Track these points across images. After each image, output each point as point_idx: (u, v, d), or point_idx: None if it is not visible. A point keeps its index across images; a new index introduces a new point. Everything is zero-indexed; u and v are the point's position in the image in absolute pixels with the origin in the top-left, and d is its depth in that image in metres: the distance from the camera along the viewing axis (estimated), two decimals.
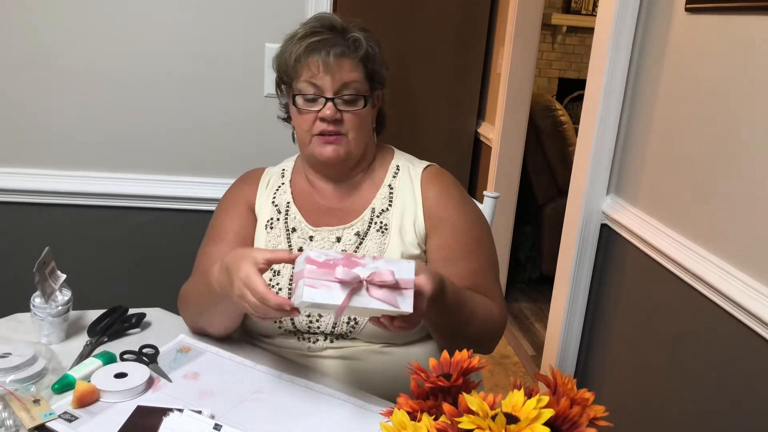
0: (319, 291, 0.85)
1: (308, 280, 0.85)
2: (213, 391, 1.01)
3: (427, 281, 0.93)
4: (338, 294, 0.85)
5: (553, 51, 5.43)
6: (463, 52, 3.25)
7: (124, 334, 1.19)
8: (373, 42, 1.17)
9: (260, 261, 0.93)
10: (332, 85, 1.12)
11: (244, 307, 0.94)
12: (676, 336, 1.58)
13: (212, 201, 1.64)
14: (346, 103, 1.13)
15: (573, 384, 0.74)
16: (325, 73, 1.11)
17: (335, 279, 0.85)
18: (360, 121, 1.15)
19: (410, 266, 0.88)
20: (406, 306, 0.87)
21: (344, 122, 1.14)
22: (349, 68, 1.13)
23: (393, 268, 0.87)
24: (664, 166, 1.65)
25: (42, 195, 1.64)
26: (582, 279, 1.98)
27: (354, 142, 1.16)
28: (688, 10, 1.56)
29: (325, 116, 1.12)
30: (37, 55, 1.57)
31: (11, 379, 0.97)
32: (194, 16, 1.60)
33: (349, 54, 1.13)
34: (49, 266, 1.15)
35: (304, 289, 0.85)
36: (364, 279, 0.86)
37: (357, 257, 0.88)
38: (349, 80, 1.12)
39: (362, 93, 1.14)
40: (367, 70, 1.15)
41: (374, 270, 0.86)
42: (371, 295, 0.86)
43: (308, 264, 0.85)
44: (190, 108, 1.66)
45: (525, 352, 2.85)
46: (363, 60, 1.14)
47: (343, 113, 1.13)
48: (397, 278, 0.87)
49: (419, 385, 0.78)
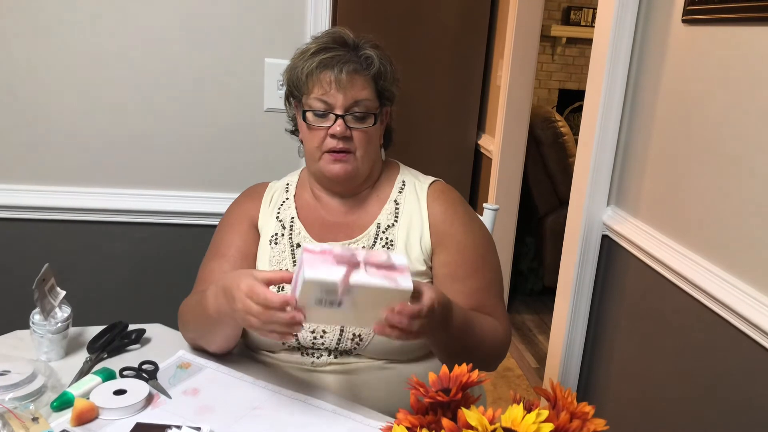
0: (319, 269, 0.86)
1: (307, 264, 0.86)
2: (212, 407, 1.01)
3: (430, 293, 0.92)
4: (338, 270, 0.86)
5: (553, 62, 5.46)
6: (462, 65, 3.27)
7: (124, 351, 1.18)
8: (386, 59, 1.17)
9: (259, 279, 0.92)
10: (343, 102, 1.12)
11: (249, 321, 0.91)
12: (678, 347, 1.57)
13: (212, 216, 1.65)
14: (357, 120, 1.13)
15: (573, 397, 0.74)
16: (336, 89, 1.11)
17: (333, 258, 0.87)
18: (369, 138, 1.15)
19: (402, 257, 0.91)
20: (405, 283, 0.88)
21: (353, 139, 1.14)
22: (361, 86, 1.12)
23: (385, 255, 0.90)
24: (664, 176, 1.65)
25: (41, 211, 1.64)
26: (584, 290, 1.97)
27: (362, 159, 1.16)
28: (684, 21, 1.56)
29: (335, 133, 1.12)
30: (35, 70, 1.58)
31: (10, 396, 0.97)
32: (194, 31, 1.61)
33: (361, 71, 1.13)
34: (49, 283, 1.15)
35: (305, 269, 0.85)
36: (361, 259, 0.88)
37: (351, 248, 0.90)
38: (360, 98, 1.12)
39: (372, 110, 1.14)
40: (378, 88, 1.15)
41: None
42: (368, 273, 0.87)
43: (306, 254, 0.87)
44: (190, 123, 1.66)
45: (528, 365, 2.84)
46: (375, 77, 1.14)
47: (353, 130, 1.13)
48: (393, 261, 0.89)
49: (419, 400, 0.77)
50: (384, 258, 0.88)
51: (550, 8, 5.18)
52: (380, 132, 1.21)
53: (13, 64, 1.57)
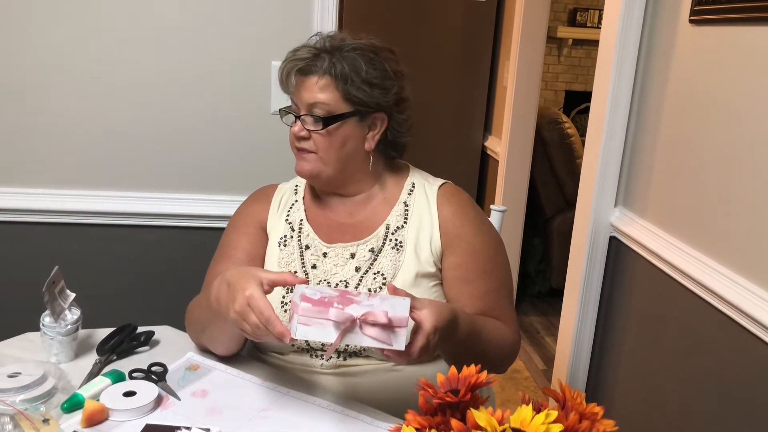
0: (312, 329, 0.86)
1: (302, 318, 0.85)
2: (221, 409, 1.01)
3: (429, 317, 0.91)
4: (331, 332, 0.86)
5: (559, 64, 5.45)
6: (468, 66, 3.27)
7: (133, 353, 1.19)
8: (364, 63, 1.12)
9: (265, 282, 0.92)
10: (303, 104, 1.14)
11: (242, 325, 0.91)
12: (687, 349, 1.56)
13: (220, 218, 1.65)
14: (314, 122, 1.13)
15: (582, 398, 0.74)
16: (299, 91, 1.14)
17: (330, 312, 0.85)
18: (329, 141, 1.14)
19: (405, 304, 0.88)
20: (398, 344, 0.88)
21: (312, 141, 1.15)
22: (320, 89, 1.12)
23: (388, 306, 0.87)
24: (672, 177, 1.64)
25: (51, 214, 1.65)
26: (591, 292, 1.97)
27: (324, 161, 1.15)
28: (692, 21, 1.56)
29: (293, 132, 1.15)
30: (43, 75, 1.59)
31: (21, 398, 0.97)
32: (201, 34, 1.62)
33: (321, 73, 1.12)
34: (59, 285, 1.15)
35: (297, 327, 0.85)
36: (358, 318, 0.86)
37: (352, 294, 0.87)
38: (317, 101, 1.12)
39: (333, 113, 1.12)
40: (344, 93, 1.12)
41: (369, 308, 0.87)
42: (364, 333, 0.86)
43: (303, 302, 0.85)
44: (197, 126, 1.67)
45: (536, 367, 2.83)
46: (337, 81, 1.11)
47: (312, 132, 1.14)
48: (390, 316, 0.87)
49: (427, 401, 0.77)
50: (382, 319, 0.86)
51: (556, 10, 5.18)
52: (364, 138, 1.17)
53: (22, 68, 1.58)
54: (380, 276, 1.15)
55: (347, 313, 0.86)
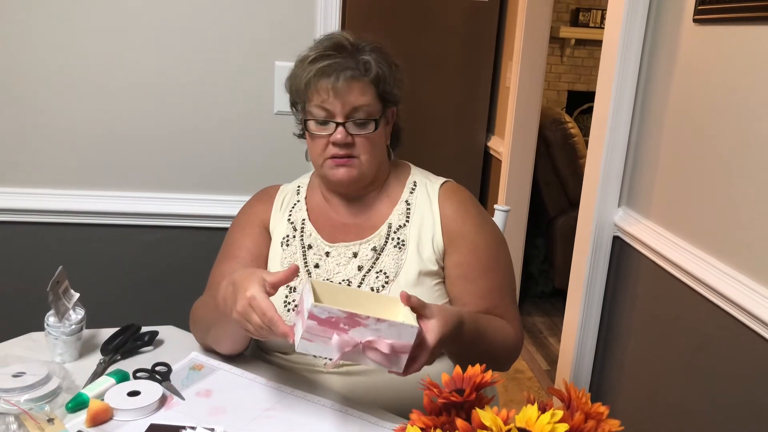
0: (314, 345, 0.86)
1: (306, 334, 0.85)
2: (225, 409, 1.01)
3: (435, 329, 0.90)
4: (333, 349, 0.85)
5: (562, 64, 5.44)
6: (471, 67, 3.27)
7: (137, 353, 1.19)
8: (385, 62, 1.15)
9: (268, 284, 0.92)
10: (342, 110, 1.11)
11: (245, 325, 0.92)
12: (692, 349, 1.56)
13: (223, 218, 1.66)
14: (357, 126, 1.12)
15: (587, 398, 0.73)
16: (335, 97, 1.10)
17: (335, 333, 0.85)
18: (372, 143, 1.15)
19: (413, 332, 0.86)
20: (397, 367, 0.88)
21: (356, 145, 1.13)
22: (359, 92, 1.11)
23: (395, 332, 0.85)
24: (676, 177, 1.64)
25: (55, 214, 1.65)
26: (595, 292, 1.97)
27: (366, 163, 1.15)
28: (696, 21, 1.56)
29: (336, 141, 1.12)
30: (48, 76, 1.59)
31: (26, 398, 0.98)
32: (204, 34, 1.62)
33: (359, 77, 1.11)
34: (63, 285, 1.15)
35: (300, 341, 0.85)
36: (361, 343, 0.85)
37: (360, 317, 0.85)
38: (360, 104, 1.11)
39: (373, 115, 1.14)
40: (378, 92, 1.14)
41: (375, 333, 0.85)
42: (365, 354, 0.86)
43: (309, 320, 0.84)
44: (200, 126, 1.67)
45: (539, 367, 2.83)
46: (374, 82, 1.13)
47: (355, 137, 1.13)
48: (395, 344, 0.85)
49: (432, 400, 0.77)
50: (385, 350, 0.85)
51: (559, 10, 5.17)
52: (386, 133, 1.20)
53: (28, 69, 1.58)
54: (383, 275, 1.15)
55: (350, 339, 0.85)
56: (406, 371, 0.89)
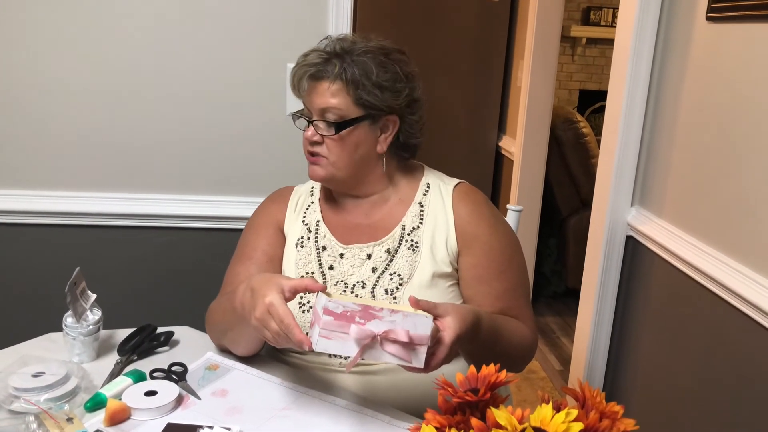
0: (332, 342, 0.86)
1: (323, 331, 0.86)
2: (241, 408, 1.02)
3: (452, 325, 0.90)
4: (351, 346, 0.86)
5: (573, 63, 5.43)
6: (482, 67, 3.26)
7: (153, 353, 1.20)
8: (375, 68, 1.12)
9: (286, 289, 0.92)
10: (314, 108, 1.14)
11: (262, 332, 0.92)
12: (706, 349, 1.55)
13: (237, 219, 1.67)
14: (327, 126, 1.14)
15: (602, 397, 0.73)
16: (309, 95, 1.15)
17: (352, 327, 0.85)
18: (341, 146, 1.14)
19: (428, 322, 0.87)
20: (418, 362, 0.88)
21: (325, 145, 1.15)
22: (332, 94, 1.12)
23: (410, 323, 0.86)
24: (689, 176, 1.63)
25: (72, 216, 1.67)
26: (608, 292, 1.96)
27: (336, 165, 1.16)
28: (709, 19, 1.55)
29: (306, 137, 1.16)
30: (59, 78, 1.61)
31: (45, 397, 0.99)
32: (216, 37, 1.63)
33: (332, 78, 1.12)
34: (80, 286, 1.17)
35: (318, 339, 0.86)
36: (379, 335, 0.86)
37: (374, 309, 0.86)
38: (329, 105, 1.12)
39: (345, 118, 1.13)
40: (356, 97, 1.12)
41: (390, 324, 0.86)
42: (384, 349, 0.86)
43: (325, 315, 0.85)
44: (212, 128, 1.69)
45: (552, 367, 2.82)
46: (351, 85, 1.12)
47: (325, 137, 1.14)
48: (412, 335, 0.86)
49: (447, 400, 0.78)
50: (403, 338, 0.86)
51: (570, 9, 5.16)
52: (376, 141, 1.17)
53: (47, 75, 1.60)
54: (397, 276, 1.16)
55: (368, 330, 0.85)
56: (427, 367, 0.89)
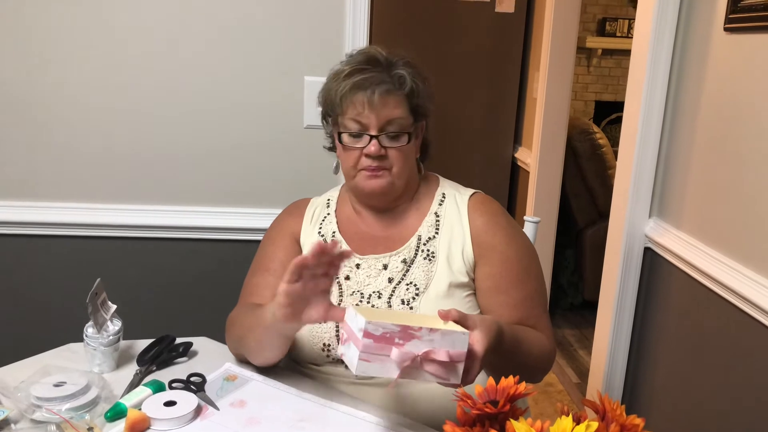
0: (373, 365, 0.85)
1: (363, 354, 0.85)
2: (260, 419, 1.02)
3: (480, 339, 0.90)
4: (392, 368, 0.85)
5: (589, 74, 5.41)
6: (498, 78, 3.27)
7: (172, 363, 1.21)
8: (419, 76, 1.18)
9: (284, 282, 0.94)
10: (377, 123, 1.13)
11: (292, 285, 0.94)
12: (726, 362, 1.53)
13: (255, 231, 1.68)
14: (391, 139, 1.15)
15: (622, 410, 0.73)
16: (370, 110, 1.12)
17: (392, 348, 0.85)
18: (404, 155, 1.17)
19: (465, 339, 0.87)
20: (455, 379, 0.87)
21: (388, 157, 1.15)
22: (394, 105, 1.14)
23: (448, 342, 0.86)
24: (708, 187, 1.62)
25: (93, 228, 1.69)
26: (626, 304, 1.94)
27: (397, 175, 1.17)
28: (727, 29, 1.54)
29: (369, 153, 1.14)
30: (82, 94, 1.64)
31: (67, 407, 1.00)
32: (235, 49, 1.65)
33: (394, 91, 1.14)
34: (101, 297, 1.18)
35: (359, 363, 0.85)
36: (419, 355, 0.85)
37: (413, 329, 0.85)
38: (393, 117, 1.14)
39: (406, 129, 1.16)
40: (411, 106, 1.16)
41: (429, 343, 0.85)
42: (423, 369, 0.86)
43: (365, 338, 0.84)
44: (231, 141, 1.70)
45: (569, 380, 2.79)
46: (408, 96, 1.15)
47: (388, 149, 1.15)
48: (451, 353, 0.86)
49: (466, 411, 0.77)
50: (443, 358, 0.85)
51: (585, 20, 5.15)
52: (416, 147, 1.22)
53: (65, 87, 1.63)
54: (413, 287, 1.16)
55: (410, 353, 0.85)
56: (464, 381, 0.89)
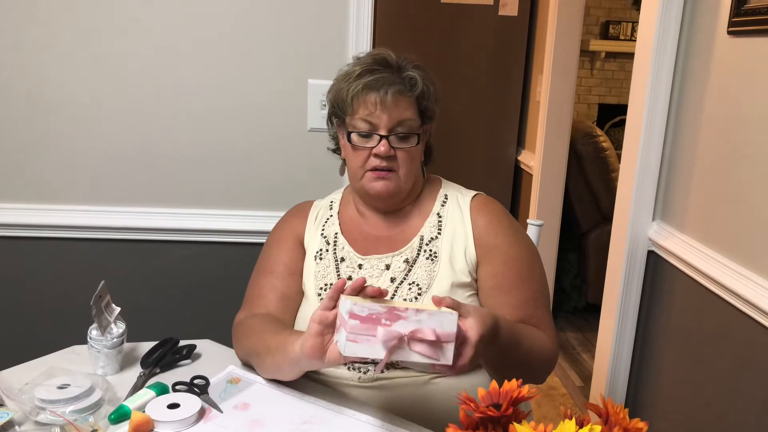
0: (361, 345, 0.86)
1: (350, 335, 0.86)
2: (263, 422, 1.03)
3: (474, 326, 0.91)
4: (379, 348, 0.86)
5: (592, 77, 5.42)
6: (501, 81, 3.27)
7: (176, 366, 1.21)
8: (428, 80, 1.19)
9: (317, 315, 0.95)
10: (388, 123, 1.14)
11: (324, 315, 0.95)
12: (731, 366, 1.53)
13: (258, 234, 1.68)
14: (400, 140, 1.16)
15: (625, 413, 0.73)
16: (381, 111, 1.13)
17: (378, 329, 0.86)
18: (411, 157, 1.18)
19: (453, 318, 0.88)
20: (446, 358, 0.88)
21: (396, 158, 1.16)
22: (405, 106, 1.15)
23: (436, 321, 0.87)
24: (711, 190, 1.62)
25: (97, 230, 1.70)
26: (630, 307, 1.94)
27: (404, 177, 1.18)
28: (730, 33, 1.54)
29: (379, 153, 1.15)
30: (83, 95, 1.64)
31: (71, 409, 1.00)
32: (239, 53, 1.66)
33: (405, 93, 1.15)
34: (105, 299, 1.19)
35: (346, 344, 0.86)
36: (406, 335, 0.86)
37: (399, 309, 0.87)
38: (404, 118, 1.15)
39: (415, 130, 1.17)
40: (421, 108, 1.18)
41: (416, 323, 0.87)
42: (411, 349, 0.87)
43: (351, 319, 0.86)
44: (235, 143, 1.71)
45: (572, 383, 2.79)
46: (418, 99, 1.17)
47: (396, 150, 1.16)
48: (438, 332, 0.87)
49: (468, 415, 0.78)
50: (429, 336, 0.86)
51: (589, 23, 5.16)
52: (422, 149, 1.23)
53: (68, 90, 1.64)
54: (415, 286, 1.16)
55: (395, 331, 0.86)
56: (455, 365, 0.89)
